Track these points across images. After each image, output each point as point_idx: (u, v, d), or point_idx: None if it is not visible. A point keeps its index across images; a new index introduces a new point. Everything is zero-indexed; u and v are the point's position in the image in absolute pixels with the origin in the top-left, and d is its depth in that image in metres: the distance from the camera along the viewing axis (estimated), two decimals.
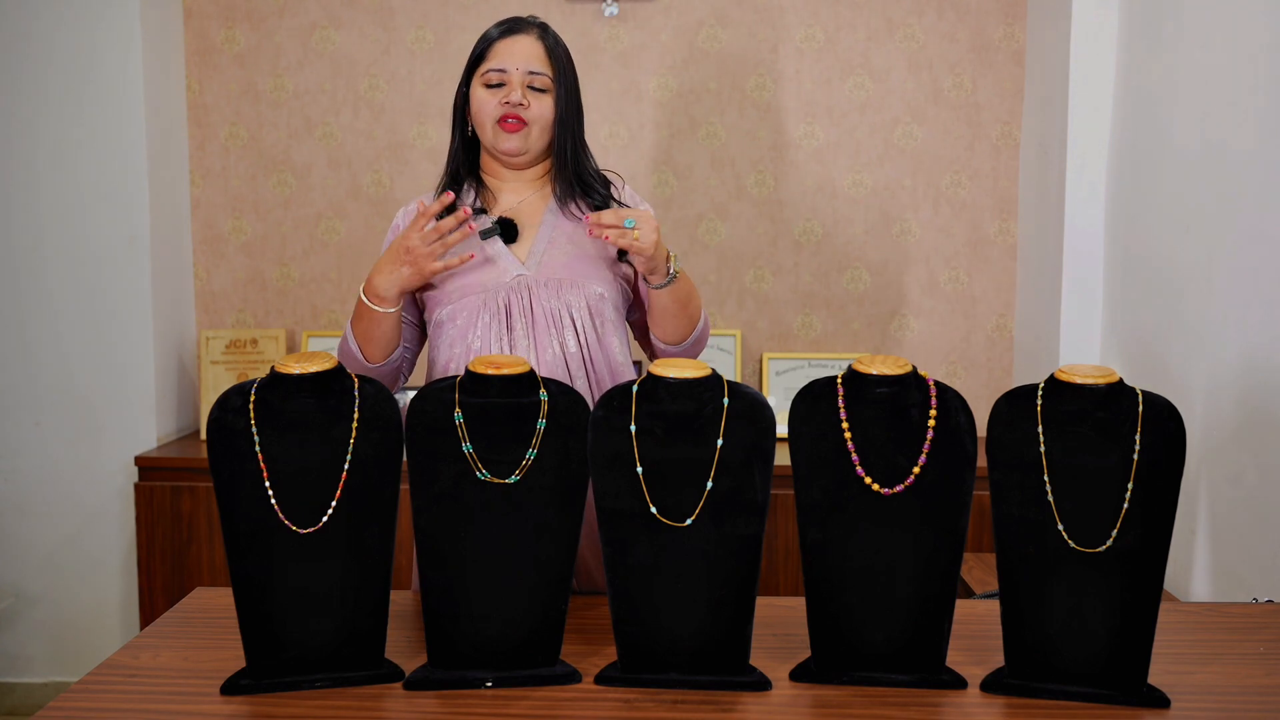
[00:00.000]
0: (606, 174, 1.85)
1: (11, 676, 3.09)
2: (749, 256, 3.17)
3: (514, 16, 1.82)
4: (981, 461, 1.33)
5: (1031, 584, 1.33)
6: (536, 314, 1.74)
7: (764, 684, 1.35)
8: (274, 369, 1.36)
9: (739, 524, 1.35)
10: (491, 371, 1.36)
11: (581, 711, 1.30)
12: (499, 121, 1.76)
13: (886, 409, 1.35)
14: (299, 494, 1.33)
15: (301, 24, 3.15)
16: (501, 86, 1.76)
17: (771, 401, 2.57)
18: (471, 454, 1.35)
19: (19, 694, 3.07)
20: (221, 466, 1.34)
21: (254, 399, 1.35)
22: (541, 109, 1.77)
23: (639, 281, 1.84)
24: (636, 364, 1.91)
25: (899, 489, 1.34)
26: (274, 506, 1.33)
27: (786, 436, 1.37)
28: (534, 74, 1.76)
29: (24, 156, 2.97)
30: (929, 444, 1.34)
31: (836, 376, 1.38)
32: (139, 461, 2.93)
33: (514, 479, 1.35)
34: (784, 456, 1.40)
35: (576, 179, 1.80)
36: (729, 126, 3.13)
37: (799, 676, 1.38)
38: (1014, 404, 1.35)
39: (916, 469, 1.33)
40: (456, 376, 1.40)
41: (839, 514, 1.35)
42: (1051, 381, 1.34)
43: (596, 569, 1.76)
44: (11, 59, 2.94)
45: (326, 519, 1.33)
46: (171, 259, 3.13)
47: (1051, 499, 1.32)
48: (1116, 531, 1.31)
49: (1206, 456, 2.21)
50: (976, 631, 1.51)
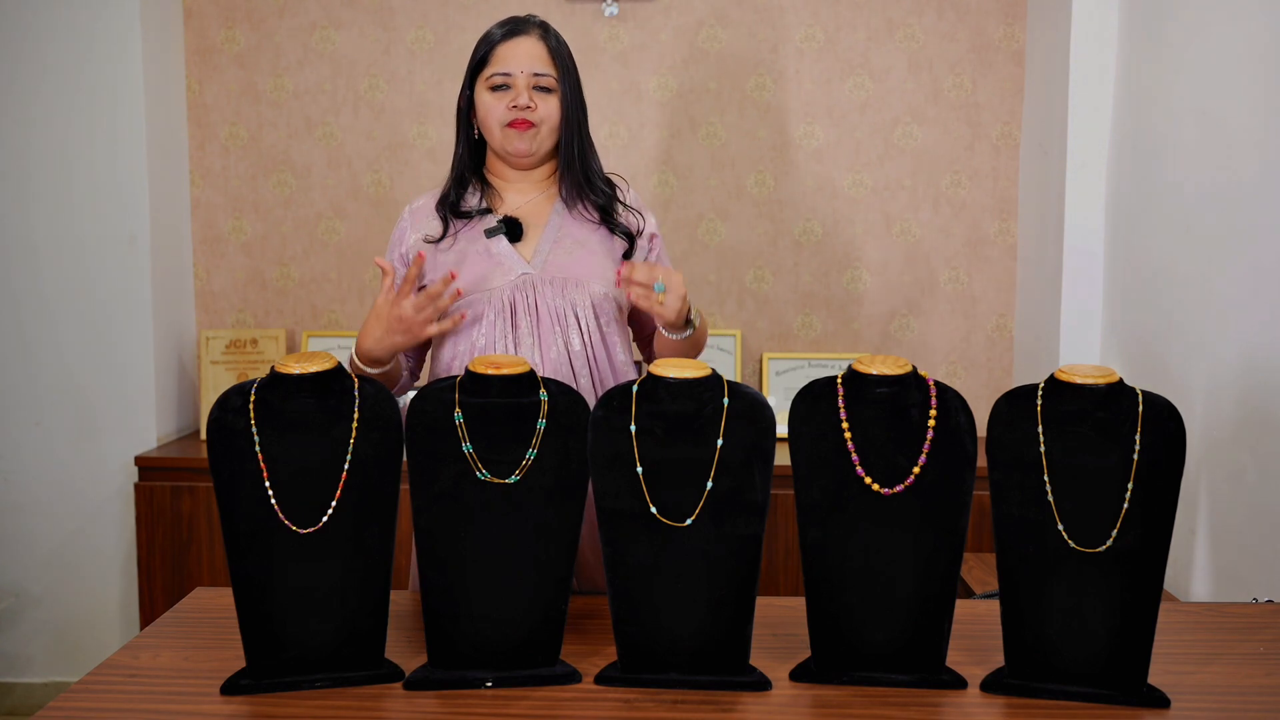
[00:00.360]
0: (611, 176, 1.86)
1: (11, 676, 3.09)
2: (749, 256, 3.17)
3: (514, 17, 1.81)
4: (981, 461, 1.33)
5: (1031, 584, 1.33)
6: (541, 313, 1.74)
7: (764, 684, 1.35)
8: (274, 369, 1.36)
9: (739, 524, 1.35)
10: (491, 371, 1.36)
11: (581, 711, 1.30)
12: (508, 125, 1.77)
13: (886, 409, 1.35)
14: (299, 494, 1.33)
15: (301, 24, 3.15)
16: (507, 90, 1.76)
17: (771, 401, 2.57)
18: (471, 454, 1.35)
19: (19, 694, 3.07)
20: (221, 466, 1.34)
21: (254, 399, 1.35)
22: (548, 110, 1.77)
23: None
24: (638, 364, 1.92)
25: (899, 489, 1.34)
26: (274, 506, 1.33)
27: (786, 436, 1.37)
28: (539, 75, 1.76)
29: (24, 156, 2.97)
30: (929, 444, 1.34)
31: (836, 376, 1.38)
32: (139, 461, 2.93)
33: (514, 479, 1.36)
34: (784, 456, 1.40)
35: (583, 177, 1.81)
36: (729, 126, 3.13)
37: (799, 676, 1.38)
38: (1014, 404, 1.36)
39: (916, 469, 1.33)
40: (457, 376, 1.40)
41: (839, 514, 1.35)
42: (1051, 381, 1.34)
43: (596, 569, 1.76)
44: (11, 59, 2.93)
45: (326, 519, 1.33)
46: (171, 259, 3.13)
47: (1051, 499, 1.32)
48: (1116, 531, 1.31)
49: (1206, 456, 2.21)
50: (976, 631, 1.51)
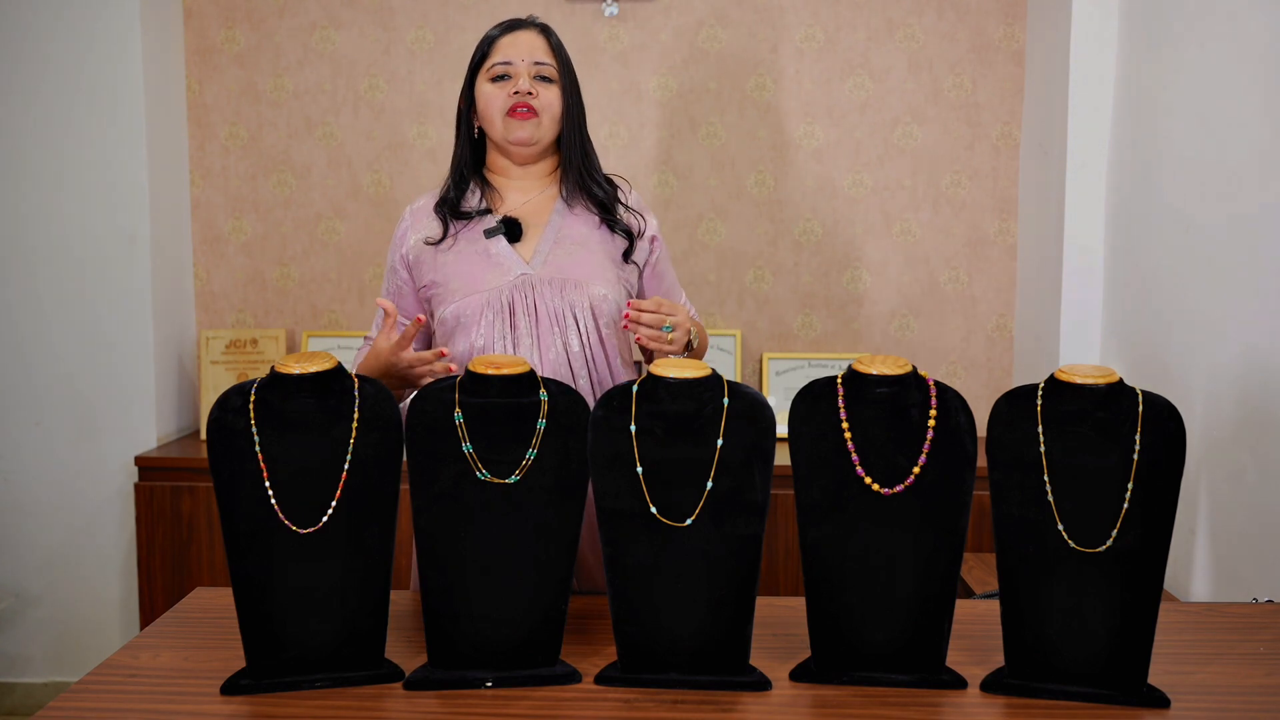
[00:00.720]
0: (613, 178, 1.86)
1: (11, 676, 3.09)
2: (749, 256, 3.17)
3: (512, 18, 1.83)
4: (981, 461, 1.33)
5: (1031, 584, 1.33)
6: (540, 313, 1.74)
7: (764, 684, 1.35)
8: (274, 369, 1.36)
9: (739, 524, 1.35)
10: (491, 371, 1.36)
11: (581, 711, 1.30)
12: (509, 112, 1.77)
13: (886, 409, 1.35)
14: (299, 494, 1.33)
15: (301, 24, 3.15)
16: (508, 79, 1.77)
17: (771, 401, 2.57)
18: (471, 454, 1.35)
19: (19, 694, 3.07)
20: (221, 466, 1.34)
21: (254, 399, 1.35)
22: (550, 98, 1.78)
23: (642, 283, 1.86)
24: (637, 364, 1.92)
25: (899, 489, 1.34)
26: (274, 506, 1.33)
27: (786, 436, 1.37)
28: (540, 64, 1.78)
29: (24, 156, 2.97)
30: (929, 444, 1.34)
31: (836, 376, 1.38)
32: (139, 461, 2.93)
33: (514, 479, 1.35)
34: (784, 456, 1.40)
35: (584, 173, 1.81)
36: (729, 126, 3.13)
37: (799, 676, 1.38)
38: (1014, 404, 1.36)
39: (916, 469, 1.33)
40: (457, 376, 1.40)
41: (839, 514, 1.35)
42: (1051, 381, 1.34)
43: (596, 569, 1.76)
44: (11, 59, 2.93)
45: (326, 519, 1.33)
46: (171, 259, 3.13)
47: (1051, 499, 1.32)
48: (1116, 531, 1.31)
49: (1206, 456, 2.21)
50: (976, 631, 1.51)
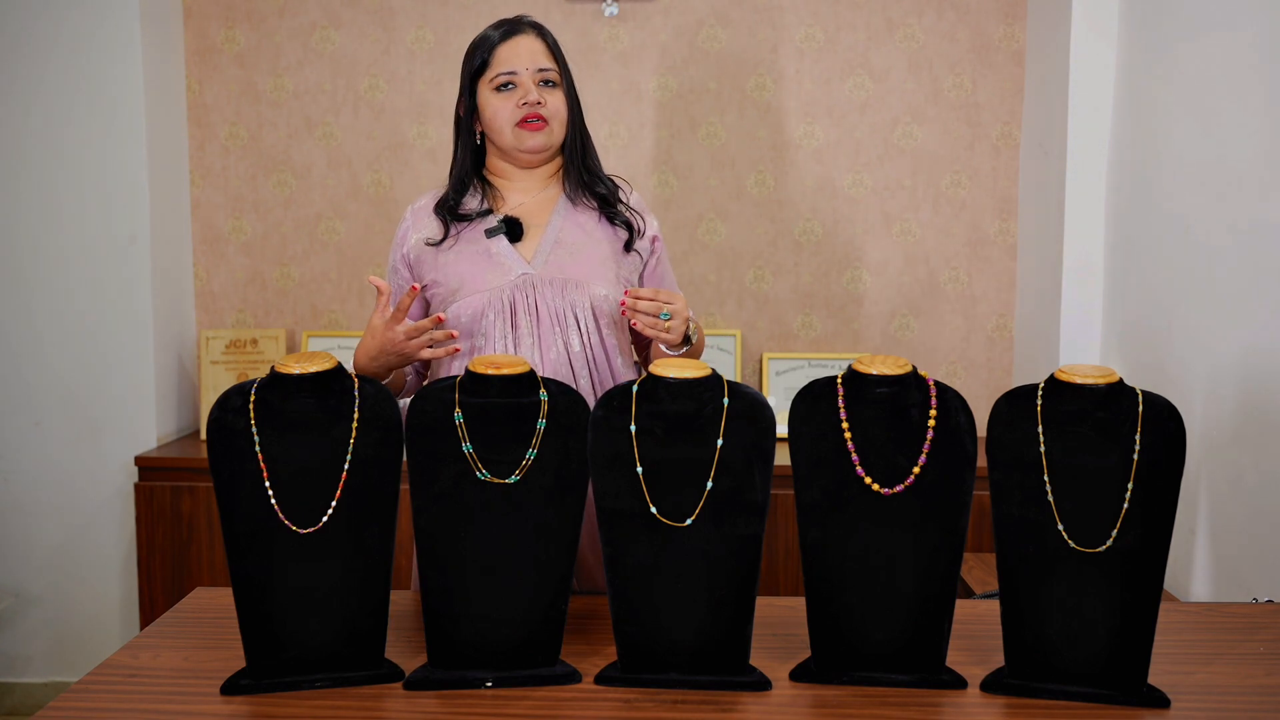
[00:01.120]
0: (614, 178, 1.86)
1: (11, 676, 3.09)
2: (749, 256, 3.17)
3: (505, 19, 1.82)
4: (981, 461, 1.33)
5: (1031, 584, 1.33)
6: (542, 313, 1.74)
7: (764, 684, 1.35)
8: (274, 369, 1.36)
9: (739, 524, 1.35)
10: (491, 371, 1.36)
11: (581, 711, 1.30)
12: (520, 123, 1.77)
13: (886, 409, 1.35)
14: (299, 494, 1.33)
15: (301, 24, 3.15)
16: (513, 89, 1.77)
17: (771, 401, 2.57)
18: (471, 454, 1.35)
19: (19, 694, 3.07)
20: (221, 466, 1.34)
21: (254, 399, 1.35)
22: (556, 104, 1.79)
23: (642, 283, 1.86)
24: (637, 365, 1.92)
25: (899, 489, 1.34)
26: (274, 506, 1.33)
27: (786, 436, 1.37)
28: (543, 70, 1.77)
29: (24, 156, 2.97)
30: (929, 444, 1.34)
31: (836, 376, 1.38)
32: (139, 461, 2.93)
33: (514, 479, 1.35)
34: (784, 456, 1.40)
35: (585, 172, 1.82)
36: (729, 126, 3.13)
37: (799, 676, 1.38)
38: (1014, 404, 1.36)
39: (916, 469, 1.33)
40: (457, 377, 1.40)
41: (839, 514, 1.35)
42: (1051, 381, 1.34)
43: (596, 569, 1.76)
44: (11, 59, 2.93)
45: (326, 519, 1.33)
46: (171, 259, 3.13)
47: (1051, 499, 1.32)
48: (1116, 531, 1.31)
49: (1206, 456, 2.21)
50: (976, 631, 1.51)
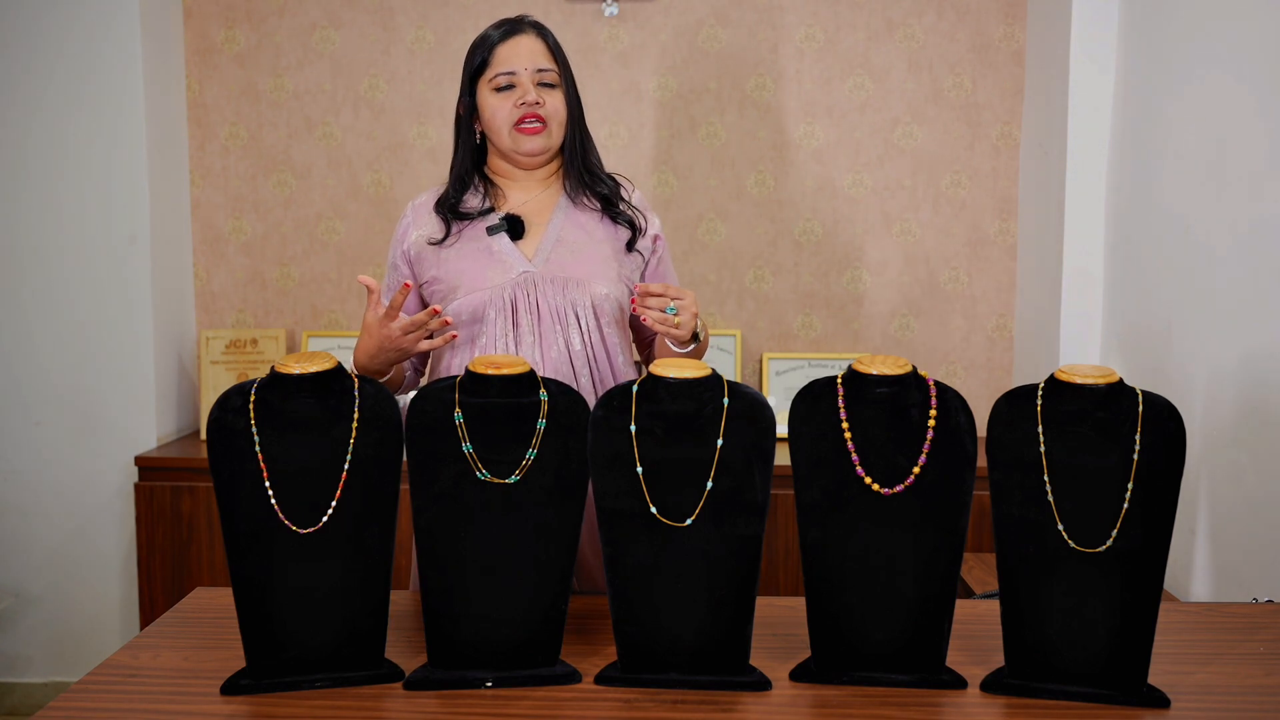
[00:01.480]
0: (616, 177, 1.86)
1: (11, 676, 3.09)
2: (749, 256, 3.17)
3: (506, 19, 1.82)
4: (981, 461, 1.33)
5: (1031, 584, 1.33)
6: (543, 311, 1.75)
7: (764, 684, 1.35)
8: (274, 369, 1.36)
9: (739, 524, 1.35)
10: (491, 371, 1.36)
11: (581, 711, 1.30)
12: (517, 124, 1.77)
13: (886, 409, 1.35)
14: (299, 494, 1.33)
15: (301, 24, 3.15)
16: (512, 89, 1.77)
17: (771, 401, 2.57)
18: (471, 454, 1.35)
19: (19, 694, 3.07)
20: (221, 466, 1.34)
21: (254, 399, 1.35)
22: (556, 105, 1.78)
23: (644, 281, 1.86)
24: (638, 364, 1.92)
25: (899, 489, 1.34)
26: (274, 506, 1.33)
27: (786, 436, 1.37)
28: (542, 71, 1.77)
29: (24, 156, 2.97)
30: (929, 444, 1.34)
31: (836, 376, 1.38)
32: (139, 461, 2.93)
33: (514, 479, 1.35)
34: (784, 456, 1.40)
35: (586, 172, 1.82)
36: (729, 126, 3.13)
37: (799, 676, 1.38)
38: (1014, 404, 1.35)
39: (916, 469, 1.33)
40: (457, 376, 1.40)
41: (839, 514, 1.35)
42: (1051, 381, 1.34)
43: (596, 569, 1.76)
44: (12, 59, 2.93)
45: (326, 519, 1.33)
46: (171, 259, 3.13)
47: (1051, 499, 1.32)
48: (1116, 531, 1.31)
49: (1206, 456, 2.21)
50: (976, 631, 1.51)
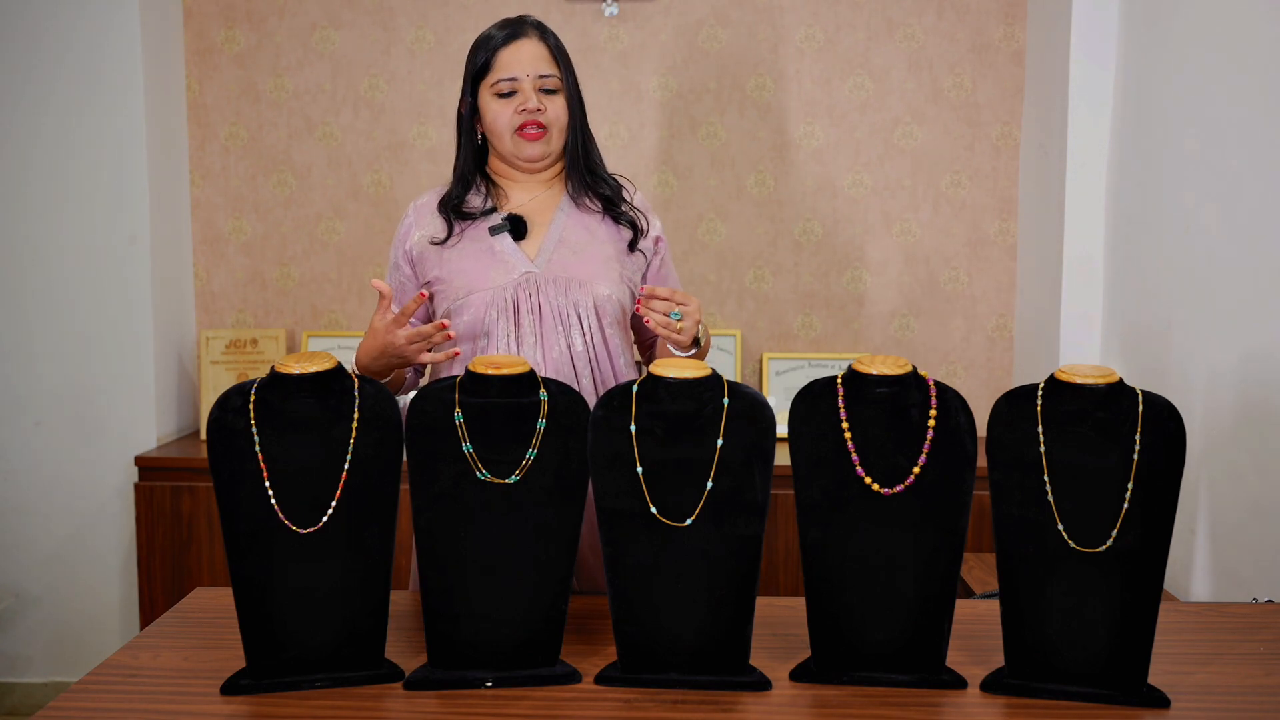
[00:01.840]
0: (618, 178, 1.86)
1: (11, 676, 3.09)
2: (749, 256, 3.17)
3: (509, 20, 1.81)
4: (981, 461, 1.33)
5: (1031, 584, 1.33)
6: (544, 312, 1.75)
7: (764, 684, 1.35)
8: (274, 369, 1.36)
9: (739, 524, 1.35)
10: (491, 371, 1.36)
11: (581, 711, 1.30)
12: (518, 130, 1.77)
13: (886, 409, 1.35)
14: (299, 494, 1.33)
15: (301, 24, 3.15)
16: (514, 95, 1.77)
17: (771, 401, 2.57)
18: (471, 454, 1.35)
19: (19, 694, 3.07)
20: (221, 466, 1.34)
21: (254, 399, 1.35)
22: (557, 111, 1.78)
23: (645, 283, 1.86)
24: (639, 364, 1.92)
25: (899, 489, 1.34)
26: (274, 506, 1.33)
27: (786, 436, 1.37)
28: (544, 77, 1.77)
29: (24, 156, 2.97)
30: (929, 444, 1.34)
31: (836, 376, 1.38)
32: (139, 461, 2.93)
33: (514, 479, 1.35)
34: (784, 456, 1.40)
35: (588, 171, 1.82)
36: (729, 126, 3.13)
37: (799, 676, 1.38)
38: (1014, 404, 1.35)
39: (916, 469, 1.33)
40: (457, 377, 1.40)
41: (839, 514, 1.35)
42: (1051, 381, 1.34)
43: (596, 569, 1.76)
44: (11, 59, 2.93)
45: (326, 519, 1.33)
46: (171, 259, 3.13)
47: (1051, 499, 1.32)
48: (1116, 531, 1.31)
49: (1206, 456, 2.21)
50: (976, 631, 1.51)
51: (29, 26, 2.92)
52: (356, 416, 1.36)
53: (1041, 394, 1.34)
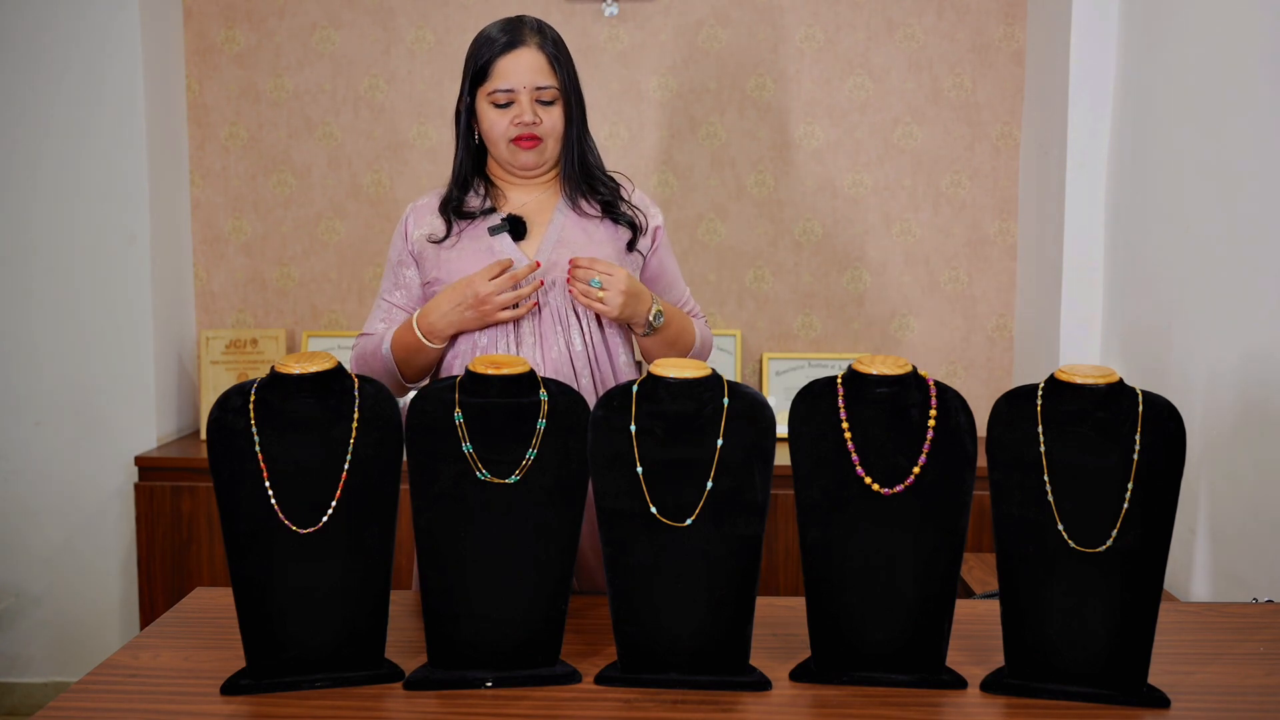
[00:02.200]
0: (616, 175, 1.86)
1: (11, 676, 3.09)
2: (749, 256, 3.17)
3: (510, 22, 1.79)
4: (981, 461, 1.33)
5: (1031, 584, 1.33)
6: (544, 312, 1.75)
7: (764, 684, 1.35)
8: (274, 369, 1.36)
9: (739, 524, 1.35)
10: (492, 371, 1.36)
11: (581, 711, 1.30)
12: (513, 141, 1.77)
13: (886, 409, 1.35)
14: (299, 494, 1.33)
15: (301, 24, 3.15)
16: (510, 106, 1.76)
17: (771, 401, 2.57)
18: (471, 454, 1.35)
19: (19, 694, 3.07)
20: (221, 466, 1.34)
21: (254, 399, 1.35)
22: (553, 122, 1.78)
23: (645, 276, 1.87)
24: (638, 364, 1.92)
25: (899, 489, 1.34)
26: (274, 506, 1.33)
27: (786, 436, 1.37)
28: (541, 89, 1.76)
29: (24, 156, 2.97)
30: (929, 444, 1.34)
31: (836, 376, 1.38)
32: (139, 461, 2.93)
33: (514, 479, 1.36)
34: (784, 456, 1.40)
35: (583, 176, 1.82)
36: (729, 126, 3.13)
37: (799, 676, 1.38)
38: (1014, 404, 1.36)
39: (916, 469, 1.33)
40: (457, 377, 1.40)
41: (839, 514, 1.35)
42: (1051, 381, 1.34)
43: (596, 569, 1.76)
44: (11, 59, 2.93)
45: (326, 519, 1.33)
46: (171, 259, 3.13)
47: (1051, 499, 1.32)
48: (1116, 531, 1.31)
49: (1206, 456, 2.21)
50: (976, 631, 1.51)
51: (29, 27, 2.92)
52: (356, 416, 1.36)
53: (1041, 394, 1.34)
